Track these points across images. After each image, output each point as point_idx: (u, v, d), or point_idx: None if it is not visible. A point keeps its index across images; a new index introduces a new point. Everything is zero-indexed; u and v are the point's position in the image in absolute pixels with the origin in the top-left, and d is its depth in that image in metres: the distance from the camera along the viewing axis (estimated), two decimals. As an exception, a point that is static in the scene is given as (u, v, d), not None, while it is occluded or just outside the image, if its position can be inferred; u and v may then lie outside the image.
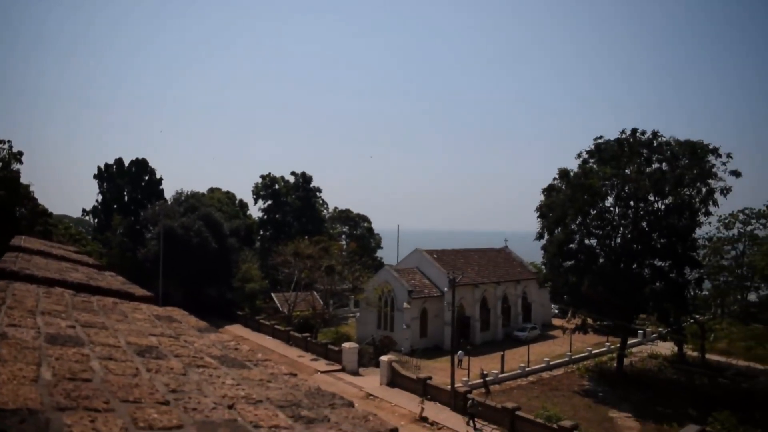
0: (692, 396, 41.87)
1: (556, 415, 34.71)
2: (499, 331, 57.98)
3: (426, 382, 40.58)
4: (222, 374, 2.54)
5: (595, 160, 48.69)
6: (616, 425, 37.06)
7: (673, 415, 38.77)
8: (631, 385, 44.58)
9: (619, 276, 44.94)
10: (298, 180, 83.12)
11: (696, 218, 46.89)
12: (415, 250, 58.90)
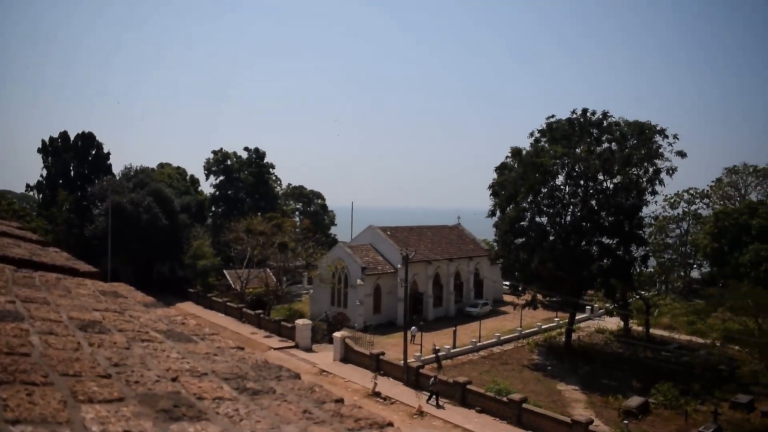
0: (636, 369, 43.27)
1: (506, 389, 35.49)
2: (452, 307, 58.75)
3: (379, 357, 40.94)
4: (167, 348, 2.51)
5: (546, 139, 49.39)
6: (564, 397, 38.10)
7: (618, 387, 40.05)
8: (578, 358, 45.82)
9: (569, 253, 45.91)
10: (251, 156, 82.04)
11: (643, 197, 48.12)
12: (369, 227, 59.02)
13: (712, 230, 69.87)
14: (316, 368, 41.25)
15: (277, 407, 1.94)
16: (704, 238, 71.62)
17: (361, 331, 49.77)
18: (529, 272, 46.60)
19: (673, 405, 36.00)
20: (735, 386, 38.87)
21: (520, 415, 32.56)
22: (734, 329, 37.50)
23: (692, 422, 33.87)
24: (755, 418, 34.68)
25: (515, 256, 47.99)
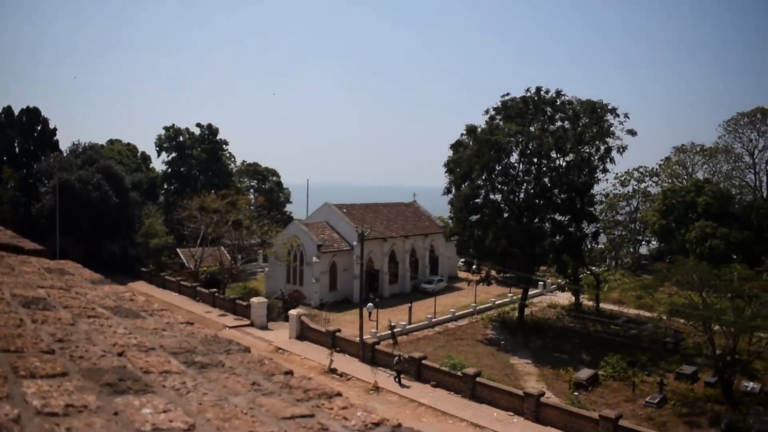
0: (587, 342, 44.42)
1: (460, 363, 36.06)
2: (407, 284, 59.18)
3: (335, 334, 41.08)
4: (114, 324, 2.48)
5: (501, 117, 49.75)
6: (517, 371, 38.92)
7: (569, 360, 41.11)
8: (531, 333, 46.78)
9: (522, 230, 46.61)
10: (203, 132, 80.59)
11: (594, 175, 49.05)
12: (325, 204, 58.82)
13: (660, 207, 71.81)
14: (271, 346, 41.18)
15: (225, 380, 1.94)
16: (653, 215, 73.59)
17: (317, 309, 49.82)
18: (484, 249, 47.19)
19: (621, 376, 37.14)
20: (680, 358, 40.26)
21: (474, 388, 33.15)
22: (680, 303, 38.63)
23: (639, 393, 35.03)
24: (699, 388, 36.01)
25: (470, 232, 48.48)
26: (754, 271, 45.54)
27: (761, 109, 74.07)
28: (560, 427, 29.64)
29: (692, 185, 72.56)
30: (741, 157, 77.38)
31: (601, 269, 62.57)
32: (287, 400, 1.78)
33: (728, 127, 76.71)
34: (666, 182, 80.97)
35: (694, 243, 64.25)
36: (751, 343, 34.97)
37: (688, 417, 31.94)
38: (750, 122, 74.81)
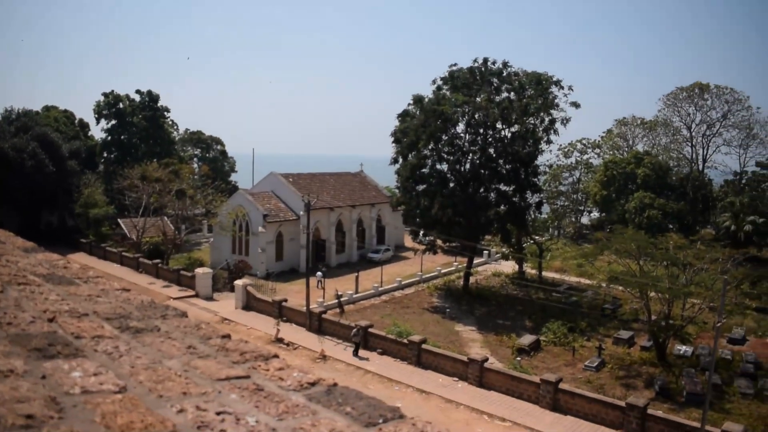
0: (529, 309, 45.56)
1: (406, 331, 36.54)
2: (354, 253, 59.35)
3: (282, 304, 41.02)
4: (46, 291, 2.42)
5: (448, 87, 49.91)
6: (462, 338, 39.69)
7: (512, 326, 42.12)
8: (475, 301, 47.67)
9: (467, 199, 47.15)
10: (143, 99, 78.20)
11: (539, 146, 49.84)
12: (270, 174, 58.20)
13: (601, 178, 73.68)
14: (217, 317, 40.85)
15: (160, 344, 1.92)
16: (594, 185, 75.48)
17: (263, 279, 49.54)
18: (430, 218, 47.60)
19: (562, 342, 38.31)
20: (617, 323, 41.72)
21: (420, 355, 33.67)
22: (618, 271, 39.92)
23: (579, 357, 36.21)
24: (635, 352, 37.46)
25: (416, 202, 48.79)
26: (689, 240, 47.24)
27: (699, 84, 76.32)
28: (503, 391, 30.44)
29: (632, 157, 74.63)
30: (679, 130, 79.87)
31: (544, 238, 63.97)
32: (223, 362, 1.77)
33: (668, 101, 78.91)
34: (607, 154, 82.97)
35: (633, 213, 66.27)
36: (684, 309, 36.48)
37: (624, 379, 33.22)
38: (688, 97, 77.07)
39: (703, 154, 78.38)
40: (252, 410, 1.37)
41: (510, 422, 27.63)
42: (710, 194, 74.32)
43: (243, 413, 1.34)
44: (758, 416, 28.65)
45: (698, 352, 36.87)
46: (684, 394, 30.93)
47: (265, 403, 1.42)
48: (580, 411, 28.17)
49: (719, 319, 25.78)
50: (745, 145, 76.26)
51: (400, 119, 50.76)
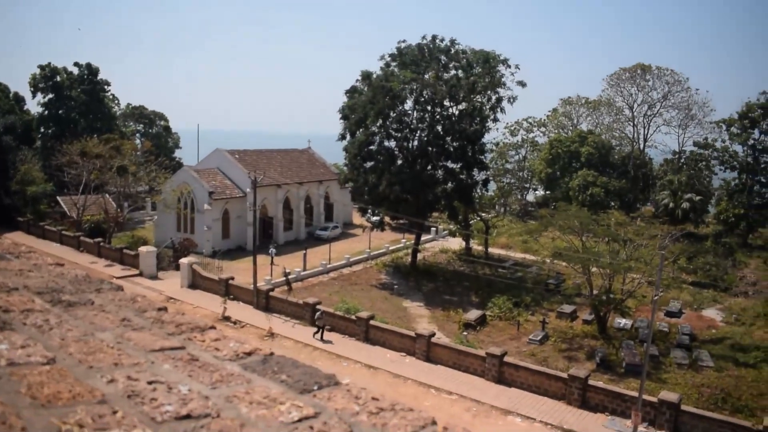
0: (476, 285, 46.24)
1: (354, 307, 36.70)
2: (302, 231, 59.06)
3: (228, 282, 40.63)
4: (-28, 265, 2.33)
5: (396, 63, 49.73)
6: (410, 314, 40.09)
7: (459, 302, 42.74)
8: (423, 277, 48.12)
9: (415, 176, 47.34)
10: (82, 72, 75.50)
11: (486, 124, 50.28)
12: (216, 150, 57.20)
13: (546, 157, 74.96)
14: (162, 296, 40.17)
15: (93, 317, 1.87)
16: (540, 163, 76.76)
17: (209, 257, 48.90)
18: (378, 195, 47.64)
19: (507, 316, 39.11)
20: (561, 298, 42.78)
21: (368, 331, 33.90)
22: (562, 247, 40.89)
23: (523, 331, 37.05)
24: (577, 325, 38.54)
25: (364, 179, 48.70)
26: (629, 217, 48.72)
27: (641, 65, 78.03)
28: (450, 365, 30.96)
29: (576, 136, 76.10)
30: (621, 110, 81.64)
31: (490, 215, 64.89)
32: (158, 334, 1.74)
33: (611, 81, 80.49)
34: (552, 133, 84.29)
35: (576, 190, 67.75)
36: (624, 283, 37.65)
37: (567, 352, 34.17)
38: (631, 77, 78.74)
39: (644, 134, 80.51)
40: (185, 379, 1.36)
41: (457, 395, 28.15)
42: (650, 173, 76.49)
43: (176, 382, 1.32)
44: (693, 385, 29.90)
45: (637, 324, 38.16)
46: (623, 365, 32.06)
47: (199, 373, 1.41)
48: (525, 383, 28.90)
49: (656, 293, 26.70)
50: (683, 126, 78.58)
51: (348, 95, 50.41)
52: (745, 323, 39.89)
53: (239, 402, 1.25)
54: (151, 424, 1.13)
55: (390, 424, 1.21)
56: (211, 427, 1.14)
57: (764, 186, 67.46)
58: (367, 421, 1.22)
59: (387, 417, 1.23)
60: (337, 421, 1.20)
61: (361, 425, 1.21)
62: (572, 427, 25.53)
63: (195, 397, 1.26)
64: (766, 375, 31.54)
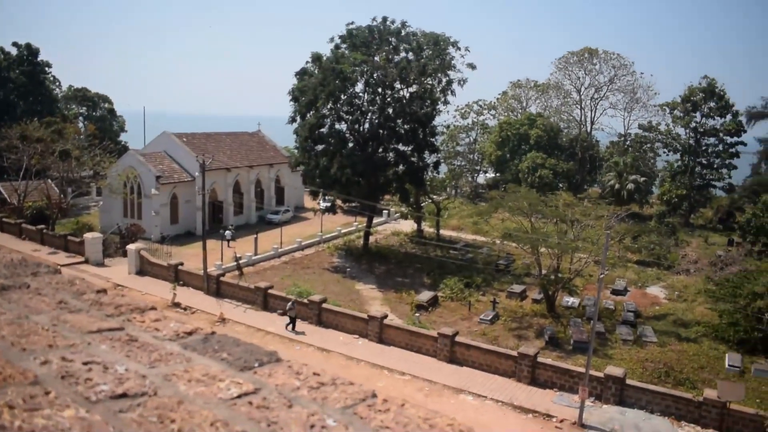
0: (428, 267, 46.62)
1: (306, 291, 36.65)
2: (253, 215, 58.49)
3: (178, 268, 40.05)
4: None
5: (347, 45, 49.37)
6: (362, 296, 40.22)
7: (411, 283, 43.05)
8: (375, 260, 48.29)
9: (366, 159, 47.30)
10: (21, 52, 72.79)
11: (436, 106, 50.45)
12: (163, 134, 55.98)
13: (496, 139, 75.80)
14: (109, 283, 39.32)
15: (28, 300, 1.82)
16: (490, 146, 77.56)
17: (157, 243, 48.00)
18: (329, 178, 47.42)
19: (459, 297, 39.60)
20: (511, 278, 43.51)
21: (321, 314, 33.92)
22: (512, 228, 41.55)
23: (475, 311, 37.59)
24: (526, 304, 39.30)
25: (315, 162, 48.41)
26: (577, 198, 49.66)
27: (588, 49, 79.23)
28: (402, 346, 31.25)
29: (526, 119, 77.09)
30: (569, 93, 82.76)
31: (441, 198, 65.36)
32: (96, 315, 1.70)
33: (559, 65, 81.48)
34: (502, 115, 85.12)
35: (526, 172, 68.75)
36: (572, 263, 38.50)
37: (517, 331, 34.83)
38: (578, 61, 79.86)
39: (591, 117, 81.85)
40: (122, 359, 1.33)
41: (409, 375, 28.46)
42: (597, 155, 78.11)
43: (112, 362, 1.30)
44: (637, 360, 30.89)
45: (584, 303, 39.13)
46: (571, 343, 32.88)
47: (137, 353, 1.38)
48: (476, 362, 29.40)
49: (602, 272, 27.40)
50: (629, 109, 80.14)
51: (298, 77, 49.86)
52: (687, 300, 41.31)
53: (178, 380, 1.24)
54: (85, 403, 1.11)
55: (330, 398, 1.21)
56: (148, 405, 1.12)
57: (705, 167, 69.68)
58: (307, 396, 1.22)
59: (327, 391, 1.24)
60: (277, 396, 1.20)
61: (302, 399, 1.21)
62: (522, 403, 26.12)
63: (132, 376, 1.23)
64: (706, 349, 32.81)
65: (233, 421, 1.08)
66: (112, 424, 1.04)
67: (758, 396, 27.00)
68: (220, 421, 1.08)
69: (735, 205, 65.97)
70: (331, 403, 1.19)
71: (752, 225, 48.41)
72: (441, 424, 1.11)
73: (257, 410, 1.13)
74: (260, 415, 1.11)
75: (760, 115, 67.54)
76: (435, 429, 1.10)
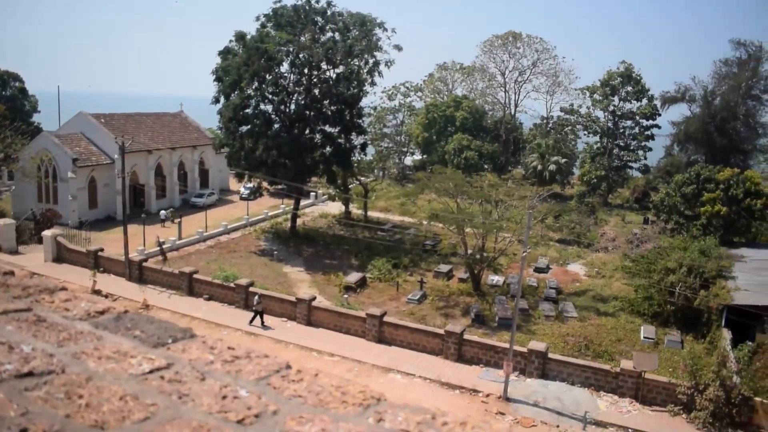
0: (356, 248, 46.77)
1: (233, 275, 36.16)
2: (177, 198, 57.06)
3: (98, 254, 38.76)
4: None
5: (272, 24, 48.48)
6: (290, 279, 40.01)
7: (339, 265, 43.11)
8: (303, 242, 48.06)
9: (293, 141, 46.83)
10: None
11: (363, 88, 50.29)
12: (80, 114, 53.69)
13: (423, 121, 76.46)
14: (24, 271, 37.66)
15: (-75, 284, 1.73)
16: (417, 128, 78.19)
17: (76, 229, 46.19)
18: (255, 160, 46.74)
19: (387, 278, 39.97)
20: (438, 258, 44.20)
21: (248, 298, 33.58)
22: (438, 209, 42.15)
23: (403, 291, 38.03)
24: (453, 283, 40.04)
25: (240, 144, 47.59)
26: (501, 179, 50.73)
27: (512, 33, 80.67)
28: (331, 327, 31.35)
29: (452, 101, 78.03)
30: (494, 76, 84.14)
31: (369, 179, 65.54)
32: (2, 297, 1.64)
33: (484, 48, 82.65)
34: (429, 97, 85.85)
35: (452, 154, 69.72)
36: (496, 242, 39.46)
37: (444, 309, 35.47)
38: (503, 44, 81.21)
39: (515, 99, 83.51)
40: (29, 339, 1.29)
41: (339, 357, 28.60)
42: (520, 137, 79.92)
43: (18, 342, 1.26)
44: (559, 335, 32.01)
45: (509, 281, 40.17)
46: (496, 320, 33.81)
47: (45, 333, 1.35)
48: (404, 341, 29.81)
49: (525, 250, 28.19)
50: (551, 92, 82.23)
51: (221, 57, 48.64)
52: (605, 276, 43.03)
53: (87, 358, 1.21)
54: (-13, 384, 1.08)
55: (244, 370, 1.22)
56: (55, 382, 1.10)
57: (622, 149, 72.50)
58: (221, 369, 1.22)
59: (242, 364, 1.24)
60: (190, 370, 1.20)
61: (215, 372, 1.21)
62: (449, 380, 26.69)
63: (39, 355, 1.20)
64: (623, 322, 34.34)
65: (143, 395, 1.07)
66: (17, 401, 1.01)
67: (671, 365, 28.47)
68: (129, 395, 1.07)
69: (650, 185, 69.02)
70: (245, 375, 1.19)
71: (665, 204, 50.70)
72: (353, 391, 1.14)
73: (169, 384, 1.12)
74: (171, 388, 1.11)
75: (673, 100, 70.72)
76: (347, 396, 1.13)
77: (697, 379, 24.60)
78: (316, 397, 1.13)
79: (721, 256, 37.52)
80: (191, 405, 1.07)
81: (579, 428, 23.80)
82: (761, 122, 69.18)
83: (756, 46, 66.65)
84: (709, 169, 49.51)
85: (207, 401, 1.08)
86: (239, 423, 1.02)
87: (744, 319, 30.57)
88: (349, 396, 1.14)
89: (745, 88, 67.21)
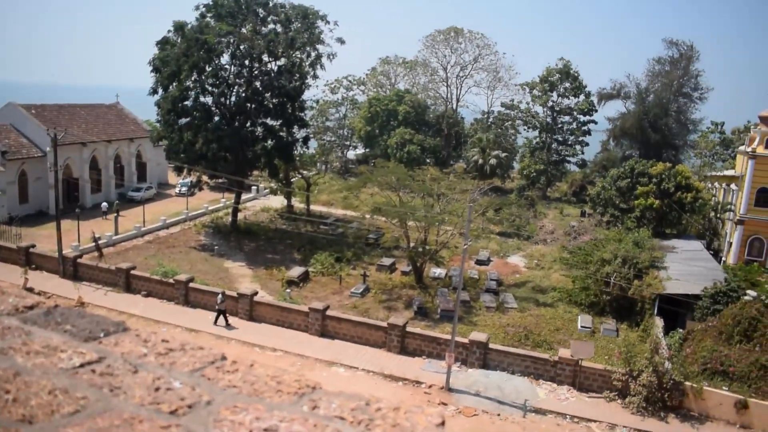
0: (298, 242, 46.50)
1: (172, 270, 35.46)
2: (113, 192, 55.45)
3: (29, 251, 37.41)
4: None
5: (212, 15, 47.56)
6: (232, 274, 39.50)
7: (282, 260, 42.80)
8: (244, 237, 47.49)
9: (234, 134, 46.14)
10: None
11: (305, 81, 49.91)
12: (8, 105, 51.54)
13: (366, 115, 76.46)
14: (-50, 267, 36.12)
15: None
16: (359, 122, 78.15)
17: (5, 224, 44.44)
18: (194, 153, 45.86)
19: (330, 272, 39.91)
20: (380, 251, 44.38)
21: (188, 294, 33.04)
22: (381, 202, 42.29)
23: (346, 285, 38.04)
24: (396, 276, 40.28)
25: (179, 137, 46.56)
26: (443, 172, 51.26)
27: (455, 28, 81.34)
28: (274, 322, 31.14)
29: (394, 95, 78.28)
30: (436, 71, 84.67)
31: (311, 173, 65.19)
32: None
33: (427, 42, 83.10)
34: (372, 91, 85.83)
35: (394, 148, 69.98)
36: (438, 235, 39.85)
37: (387, 302, 35.65)
38: (445, 39, 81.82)
39: (456, 94, 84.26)
40: (-48, 336, 1.25)
41: (282, 351, 28.44)
42: (462, 131, 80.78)
43: (-60, 339, 1.22)
44: (500, 325, 32.61)
45: (451, 273, 40.66)
46: (438, 312, 34.18)
47: (-30, 329, 1.31)
48: (347, 334, 29.87)
49: (466, 243, 28.59)
50: (492, 87, 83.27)
51: (159, 47, 47.41)
52: (544, 268, 44.03)
53: (15, 353, 1.19)
54: None
55: (179, 362, 1.21)
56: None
57: (561, 144, 74.25)
58: (154, 362, 1.21)
59: (176, 356, 1.24)
60: (122, 364, 1.18)
61: (148, 365, 1.20)
62: (393, 372, 26.88)
63: (-38, 352, 1.17)
64: (561, 312, 35.23)
65: (74, 389, 1.05)
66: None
67: (606, 353, 29.37)
68: (59, 389, 1.05)
69: (587, 179, 70.83)
70: (179, 367, 1.19)
71: (601, 197, 52.16)
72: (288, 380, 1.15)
73: (100, 377, 1.11)
74: (103, 381, 1.09)
75: (609, 96, 72.75)
76: (282, 385, 1.14)
77: (631, 366, 25.52)
78: (251, 387, 1.13)
79: (653, 248, 38.93)
80: (123, 397, 1.06)
81: (519, 416, 24.35)
82: (692, 119, 71.80)
83: (687, 46, 69.11)
84: (642, 164, 51.12)
85: (139, 393, 1.08)
86: (172, 414, 1.02)
87: (675, 307, 31.86)
88: (284, 385, 1.15)
89: (677, 86, 69.61)
